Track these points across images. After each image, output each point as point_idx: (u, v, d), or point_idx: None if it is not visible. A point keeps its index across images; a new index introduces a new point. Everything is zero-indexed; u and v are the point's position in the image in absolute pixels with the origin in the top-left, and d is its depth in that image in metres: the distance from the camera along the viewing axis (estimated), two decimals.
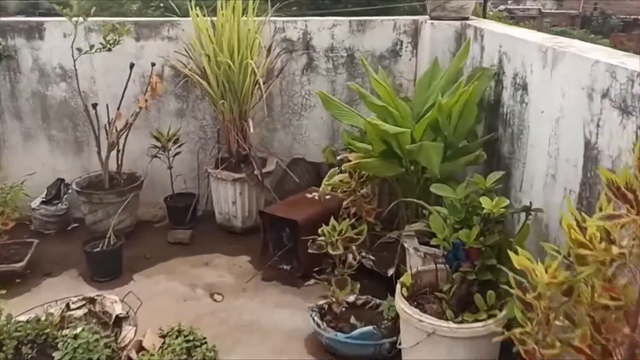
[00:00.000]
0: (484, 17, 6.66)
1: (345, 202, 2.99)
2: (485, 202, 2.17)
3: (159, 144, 3.77)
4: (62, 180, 4.03)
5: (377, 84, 2.85)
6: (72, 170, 4.10)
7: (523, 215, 2.41)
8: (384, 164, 2.87)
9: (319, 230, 2.52)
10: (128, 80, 3.63)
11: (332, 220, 2.51)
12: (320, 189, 3.26)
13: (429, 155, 2.67)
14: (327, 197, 3.31)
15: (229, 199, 3.79)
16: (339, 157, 3.20)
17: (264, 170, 3.77)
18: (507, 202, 2.18)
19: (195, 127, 4.11)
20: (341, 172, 3.19)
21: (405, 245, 2.73)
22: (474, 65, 3.35)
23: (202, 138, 4.14)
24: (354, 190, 2.98)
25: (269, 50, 3.86)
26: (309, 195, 3.58)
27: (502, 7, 26.52)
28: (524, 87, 2.63)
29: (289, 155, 4.19)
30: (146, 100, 3.60)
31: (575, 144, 2.12)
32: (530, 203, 2.35)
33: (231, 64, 3.47)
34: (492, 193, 2.35)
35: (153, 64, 3.63)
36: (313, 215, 3.30)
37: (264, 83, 3.78)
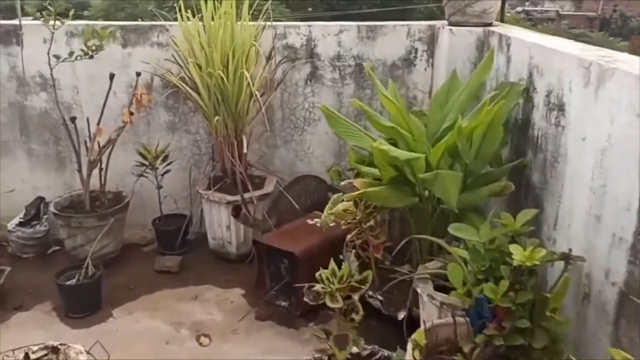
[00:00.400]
0: (502, 20, 6.29)
1: (349, 236, 2.63)
2: (516, 251, 1.80)
3: (145, 162, 3.42)
4: (42, 198, 3.72)
5: (386, 100, 2.49)
6: (54, 187, 3.79)
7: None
8: (394, 193, 2.51)
9: (317, 275, 2.16)
10: (108, 92, 3.30)
11: (332, 265, 2.15)
12: (322, 217, 2.91)
13: (445, 186, 2.31)
14: (332, 223, 2.95)
15: (223, 223, 3.44)
16: (342, 183, 2.84)
17: (261, 192, 3.42)
18: (544, 252, 1.80)
19: (188, 142, 3.78)
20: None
21: (419, 290, 2.36)
22: (497, 78, 2.98)
23: (196, 154, 3.81)
24: (359, 221, 2.63)
25: (268, 59, 3.51)
26: (310, 222, 3.22)
27: (519, 8, 26.06)
28: (561, 108, 2.26)
29: (290, 173, 3.84)
30: (131, 114, 3.26)
31: (628, 181, 1.75)
32: (570, 250, 1.97)
33: (223, 75, 3.12)
34: (522, 236, 1.99)
35: (138, 74, 3.30)
36: (313, 247, 2.96)
37: (262, 95, 3.44)
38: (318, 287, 2.08)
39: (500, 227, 1.99)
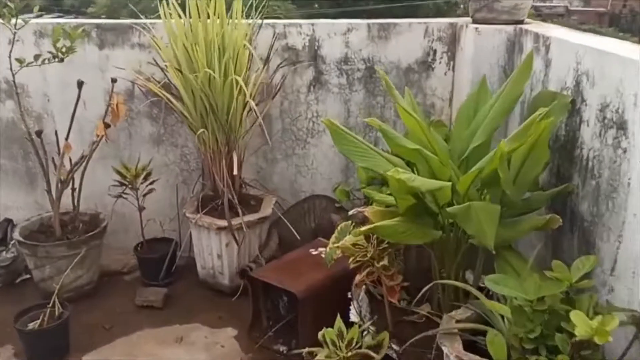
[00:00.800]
0: None
1: (359, 277, 2.23)
2: (579, 320, 1.40)
3: (125, 181, 3.03)
4: (10, 221, 3.35)
5: (405, 114, 2.09)
6: (25, 207, 3.43)
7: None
8: (412, 227, 2.11)
9: (319, 335, 1.76)
10: (77, 102, 2.92)
11: (338, 323, 1.75)
12: (327, 249, 2.52)
13: (480, 222, 1.91)
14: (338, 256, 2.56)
15: (214, 251, 3.05)
16: (351, 212, 2.43)
17: (257, 216, 3.02)
18: (616, 321, 1.40)
19: (176, 157, 3.39)
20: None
21: (445, 350, 1.96)
22: (533, 86, 2.57)
23: (184, 170, 3.42)
24: (371, 259, 2.22)
25: (265, 62, 3.12)
26: (313, 252, 2.83)
27: None
28: (621, 126, 1.85)
29: (292, 192, 3.45)
30: (108, 126, 2.88)
31: None
32: None
33: (209, 80, 2.72)
34: (582, 293, 1.58)
35: (114, 80, 2.91)
36: (317, 284, 2.57)
37: (259, 103, 3.05)
38: (321, 356, 1.68)
39: (552, 282, 1.58)
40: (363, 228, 2.02)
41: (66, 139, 2.89)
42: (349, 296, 2.57)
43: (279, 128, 3.35)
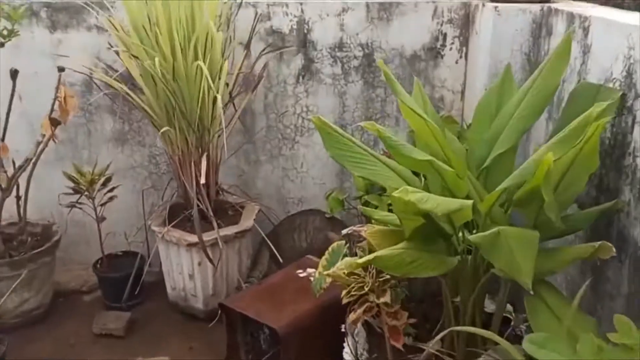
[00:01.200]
0: None
1: (354, 314, 1.82)
2: None
3: (80, 188, 2.61)
4: None
5: (411, 114, 1.66)
6: None
7: None
8: (422, 256, 1.69)
9: None
10: (12, 96, 2.48)
11: None
12: (313, 276, 2.11)
13: (512, 253, 1.50)
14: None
15: (185, 270, 2.64)
16: (344, 231, 2.01)
17: (235, 230, 2.60)
18: None
19: (143, 158, 2.97)
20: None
21: None
22: (567, 77, 2.15)
23: (154, 173, 3.00)
24: (369, 292, 1.81)
25: (247, 48, 2.69)
26: (301, 274, 2.41)
27: None
28: None
29: (279, 199, 3.04)
30: (57, 123, 2.45)
31: None
32: None
33: (165, 71, 2.29)
34: None
35: (60, 69, 2.47)
36: (303, 316, 2.17)
37: (237, 95, 2.63)
38: None
39: (619, 350, 1.17)
40: (360, 260, 1.60)
41: (2, 139, 2.46)
42: (342, 329, 2.17)
43: (263, 125, 2.93)
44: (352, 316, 1.84)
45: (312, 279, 2.31)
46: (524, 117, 1.80)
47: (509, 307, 2.14)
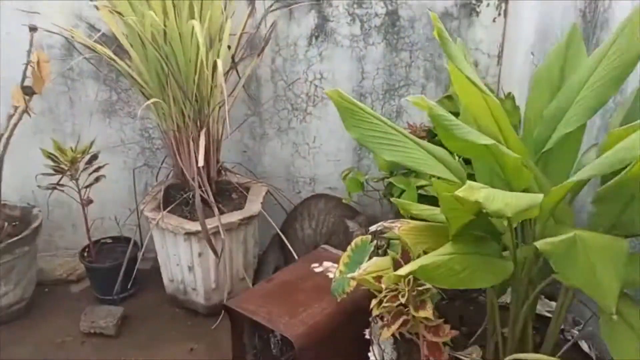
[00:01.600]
0: None
1: (387, 331, 1.52)
2: None
3: (61, 167, 2.29)
4: None
5: (467, 88, 1.34)
6: None
7: None
8: (474, 262, 1.39)
9: None
10: None
11: None
12: (331, 272, 1.82)
13: (592, 267, 1.20)
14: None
15: (183, 261, 2.35)
16: (372, 228, 1.69)
17: (241, 215, 2.30)
18: None
19: (134, 131, 2.65)
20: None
21: None
22: None
23: (147, 148, 2.69)
24: (405, 305, 1.51)
25: (251, 3, 2.34)
26: (316, 268, 2.12)
27: None
28: None
29: (288, 178, 2.73)
30: (31, 93, 2.12)
31: None
32: None
33: (154, 30, 1.95)
34: None
35: (32, 29, 2.13)
36: (320, 323, 1.87)
37: (242, 60, 2.29)
38: None
39: None
40: (400, 270, 1.29)
41: None
42: (365, 335, 1.88)
43: (270, 94, 2.59)
44: (384, 333, 1.55)
45: (330, 275, 2.04)
46: (601, 88, 1.46)
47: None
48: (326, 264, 2.14)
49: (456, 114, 2.48)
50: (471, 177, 1.59)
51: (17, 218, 2.51)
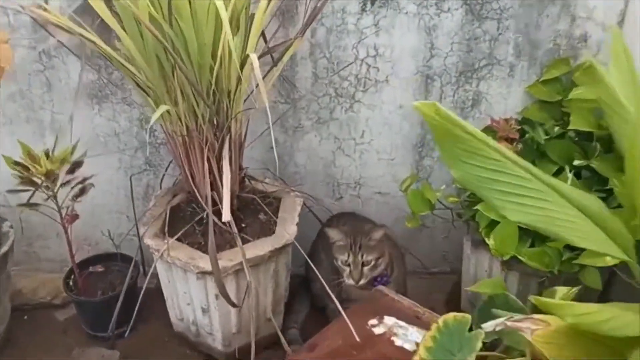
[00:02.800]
0: None
1: None
2: None
3: (34, 179, 1.78)
4: None
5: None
6: None
7: None
8: None
9: None
10: None
11: None
12: (397, 335, 1.34)
13: None
14: None
15: (195, 302, 1.87)
16: (487, 326, 1.17)
17: (270, 247, 1.79)
18: None
19: (131, 121, 2.11)
20: None
21: None
22: None
23: (148, 142, 2.15)
24: None
25: None
26: (376, 328, 1.63)
27: None
28: None
29: (326, 182, 2.20)
30: None
31: None
32: None
33: (158, 5, 1.38)
34: None
35: None
36: None
37: (274, 46, 1.74)
38: None
39: None
40: None
41: None
42: None
43: (307, 75, 2.03)
44: None
45: (396, 343, 1.55)
46: None
47: None
48: (388, 320, 1.64)
49: (555, 104, 1.92)
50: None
51: None
